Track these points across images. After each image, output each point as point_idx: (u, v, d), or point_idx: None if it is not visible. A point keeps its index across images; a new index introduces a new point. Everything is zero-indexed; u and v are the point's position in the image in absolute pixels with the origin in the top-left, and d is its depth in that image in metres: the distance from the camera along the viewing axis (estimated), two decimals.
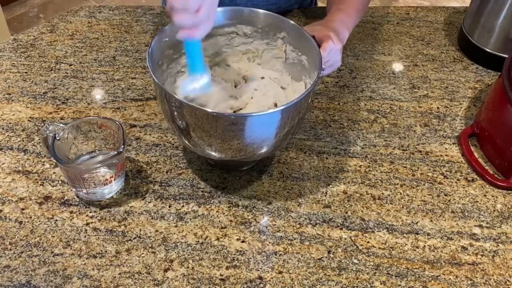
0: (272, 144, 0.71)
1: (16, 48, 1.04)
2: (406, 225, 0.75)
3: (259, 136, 0.68)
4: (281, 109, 0.65)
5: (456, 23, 1.17)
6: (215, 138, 0.67)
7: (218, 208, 0.76)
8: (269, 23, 0.79)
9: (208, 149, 0.70)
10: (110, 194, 0.77)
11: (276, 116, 0.66)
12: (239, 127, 0.65)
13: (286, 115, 0.66)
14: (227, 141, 0.67)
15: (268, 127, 0.67)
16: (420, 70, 1.03)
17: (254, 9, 0.78)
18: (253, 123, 0.66)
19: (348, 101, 0.95)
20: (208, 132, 0.66)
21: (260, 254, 0.71)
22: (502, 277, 0.70)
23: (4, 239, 0.71)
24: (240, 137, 0.66)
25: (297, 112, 0.68)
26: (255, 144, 0.69)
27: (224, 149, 0.69)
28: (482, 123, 0.87)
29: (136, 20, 1.13)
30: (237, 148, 0.69)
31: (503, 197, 0.80)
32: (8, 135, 0.86)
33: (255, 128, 0.67)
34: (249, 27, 0.80)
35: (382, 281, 0.68)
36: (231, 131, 0.65)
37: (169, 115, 0.69)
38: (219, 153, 0.71)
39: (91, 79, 0.97)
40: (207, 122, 0.65)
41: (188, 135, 0.69)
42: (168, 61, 0.77)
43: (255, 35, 0.81)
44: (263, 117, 0.65)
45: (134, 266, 0.69)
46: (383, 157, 0.85)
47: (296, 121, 0.70)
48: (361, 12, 0.92)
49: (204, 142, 0.69)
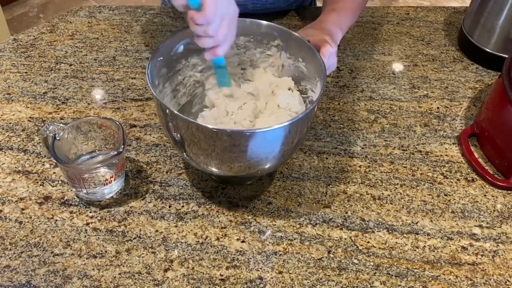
0: (280, 157, 0.68)
1: (16, 48, 1.04)
2: (406, 225, 0.75)
3: (264, 153, 0.63)
4: (289, 124, 0.61)
5: (456, 23, 1.17)
6: (213, 158, 0.63)
7: (218, 208, 0.76)
8: (262, 32, 0.78)
9: (205, 166, 0.68)
10: (110, 194, 0.77)
11: (283, 131, 0.62)
12: (240, 148, 0.60)
13: (294, 129, 0.63)
14: (227, 163, 0.63)
15: (275, 143, 0.63)
16: (420, 70, 1.03)
17: (245, 19, 0.76)
18: (257, 140, 0.61)
19: (348, 101, 0.95)
20: (205, 151, 0.62)
21: (260, 254, 0.71)
22: (502, 277, 0.70)
23: (4, 239, 0.71)
24: (241, 158, 0.62)
25: (306, 124, 0.66)
26: (259, 162, 0.65)
27: (222, 170, 0.67)
28: (482, 123, 0.87)
29: (136, 20, 1.13)
30: (238, 171, 0.66)
31: (503, 197, 0.80)
32: (8, 135, 0.86)
33: (259, 145, 0.62)
34: (241, 38, 0.78)
35: (382, 281, 0.68)
36: (231, 152, 0.61)
37: (165, 125, 0.67)
38: (218, 171, 0.69)
39: (91, 79, 0.97)
40: (205, 140, 0.61)
41: (185, 151, 0.67)
42: (163, 81, 0.76)
43: (248, 45, 0.80)
44: (269, 133, 0.60)
45: (134, 266, 0.69)
46: (383, 157, 0.85)
47: (304, 132, 0.68)
48: (357, 12, 0.92)
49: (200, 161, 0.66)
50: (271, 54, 0.80)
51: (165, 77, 0.76)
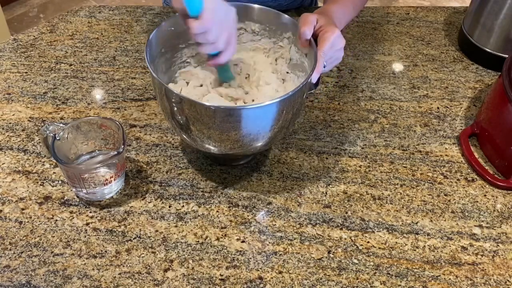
0: (268, 137, 0.72)
1: (16, 48, 1.04)
2: (406, 225, 0.75)
3: (255, 127, 0.69)
4: (275, 102, 0.66)
5: (456, 23, 1.17)
6: (214, 129, 0.68)
7: (218, 208, 0.76)
8: (277, 22, 0.79)
9: (207, 141, 0.71)
10: (110, 194, 0.77)
11: (270, 108, 0.67)
12: (235, 119, 0.67)
13: (281, 108, 0.68)
14: (225, 132, 0.68)
15: (263, 120, 0.68)
16: (420, 70, 1.03)
17: (264, 7, 0.79)
18: (248, 114, 0.67)
19: (348, 101, 0.95)
20: (207, 125, 0.68)
21: (260, 254, 0.71)
22: (502, 277, 0.70)
23: (4, 239, 0.71)
24: (236, 128, 0.68)
25: (291, 106, 0.70)
26: (251, 135, 0.70)
27: (222, 140, 0.70)
28: (482, 123, 0.87)
29: (136, 20, 1.13)
30: (234, 139, 0.70)
31: (503, 197, 0.80)
32: (8, 135, 0.86)
33: (251, 119, 0.68)
34: (257, 25, 0.81)
35: (382, 281, 0.68)
36: (228, 122, 0.67)
37: (169, 111, 0.70)
38: (218, 145, 0.71)
39: (91, 79, 0.97)
40: (206, 115, 0.66)
41: (188, 129, 0.70)
42: (173, 51, 0.78)
43: (263, 33, 0.82)
44: (258, 109, 0.66)
45: (134, 266, 0.69)
46: (383, 157, 0.85)
47: (290, 116, 0.71)
48: (358, 7, 0.92)
49: (204, 135, 0.70)
50: (283, 46, 0.81)
51: (176, 48, 0.79)
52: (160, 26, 0.74)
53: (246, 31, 0.82)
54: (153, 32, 0.73)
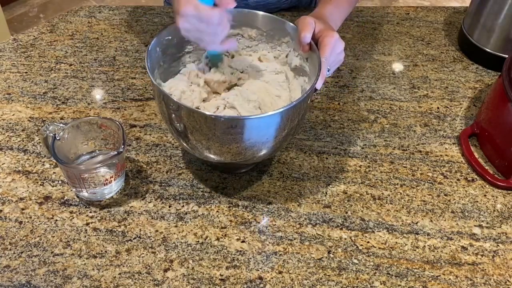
0: (272, 146, 0.70)
1: (16, 48, 1.04)
2: (406, 225, 0.75)
3: (259, 138, 0.67)
4: (280, 111, 0.63)
5: (456, 23, 1.17)
6: (214, 141, 0.66)
7: (218, 208, 0.76)
8: (274, 27, 0.78)
9: (207, 152, 0.70)
10: (110, 194, 0.77)
11: (276, 118, 0.65)
12: (238, 130, 0.64)
13: (286, 117, 0.66)
14: (226, 144, 0.66)
15: (268, 130, 0.66)
16: (420, 70, 1.03)
17: (259, 12, 0.78)
18: (252, 125, 0.65)
19: (348, 101, 0.95)
20: (207, 135, 0.66)
21: (260, 254, 0.71)
22: (502, 277, 0.70)
23: (4, 239, 0.71)
24: (239, 140, 0.66)
25: (297, 113, 0.68)
26: (255, 147, 0.68)
27: (223, 153, 0.69)
28: (482, 123, 0.87)
29: (136, 20, 1.13)
30: (236, 152, 0.68)
31: (503, 197, 0.80)
32: (8, 135, 0.86)
33: (254, 130, 0.66)
34: (254, 30, 0.80)
35: (382, 281, 0.68)
36: (229, 134, 0.64)
37: (167, 117, 0.69)
38: (218, 156, 0.70)
39: (91, 79, 0.97)
40: (205, 125, 0.64)
41: (186, 137, 0.69)
42: (170, 60, 0.77)
43: (260, 38, 0.81)
44: (262, 120, 0.64)
45: (134, 266, 0.69)
46: (383, 157, 0.85)
47: (296, 123, 0.69)
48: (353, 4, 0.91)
49: (203, 146, 0.68)
50: (281, 51, 0.81)
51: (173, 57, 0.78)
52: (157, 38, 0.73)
53: (243, 37, 0.81)
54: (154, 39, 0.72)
